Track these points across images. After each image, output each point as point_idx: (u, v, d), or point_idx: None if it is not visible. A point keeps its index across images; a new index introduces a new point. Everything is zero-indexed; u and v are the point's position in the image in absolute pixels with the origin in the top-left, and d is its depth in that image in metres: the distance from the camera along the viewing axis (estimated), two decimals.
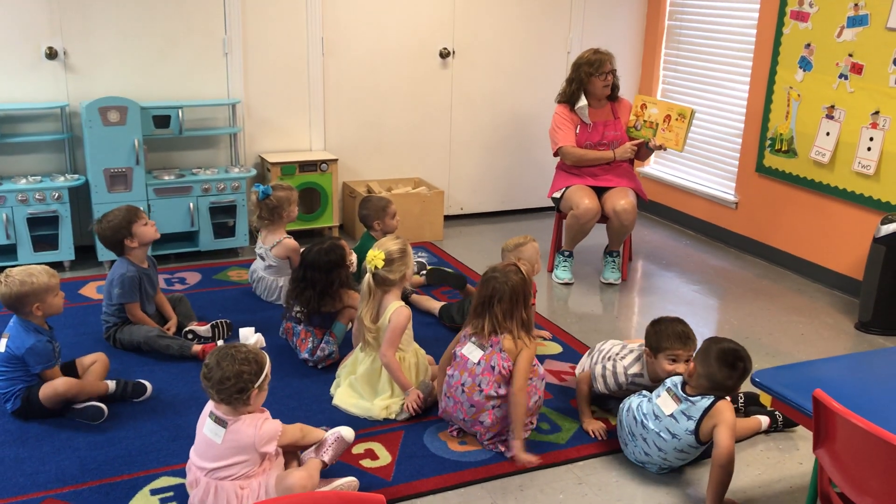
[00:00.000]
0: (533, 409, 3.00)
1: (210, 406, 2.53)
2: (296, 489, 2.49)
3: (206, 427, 2.50)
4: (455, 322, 3.91)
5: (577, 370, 3.41)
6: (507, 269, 3.00)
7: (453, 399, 3.01)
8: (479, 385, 2.93)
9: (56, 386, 3.04)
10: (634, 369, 3.15)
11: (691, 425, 2.76)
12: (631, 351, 3.23)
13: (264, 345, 3.69)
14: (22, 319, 3.06)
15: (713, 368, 2.75)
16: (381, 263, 3.17)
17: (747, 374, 2.78)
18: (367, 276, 3.22)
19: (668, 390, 2.86)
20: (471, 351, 3.00)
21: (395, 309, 3.18)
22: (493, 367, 2.93)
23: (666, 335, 3.04)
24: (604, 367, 3.19)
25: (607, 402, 3.28)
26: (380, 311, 3.22)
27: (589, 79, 4.61)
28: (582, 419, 3.19)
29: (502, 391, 2.93)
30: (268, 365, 2.52)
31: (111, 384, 3.22)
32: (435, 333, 3.91)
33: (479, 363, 2.96)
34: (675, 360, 3.02)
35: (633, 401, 2.98)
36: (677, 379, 2.88)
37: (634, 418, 2.93)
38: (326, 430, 2.73)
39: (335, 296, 3.58)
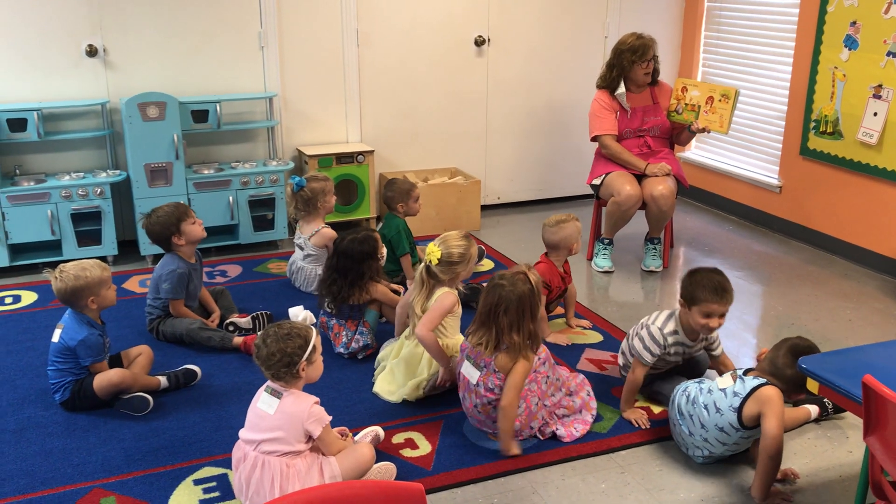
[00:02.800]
0: (535, 413, 2.95)
1: (267, 383, 2.59)
2: (366, 454, 2.63)
3: (260, 401, 2.56)
4: None
5: (620, 360, 3.35)
6: (515, 278, 2.84)
7: (475, 419, 2.97)
8: (490, 404, 2.88)
9: (111, 376, 3.10)
10: (669, 327, 3.06)
11: (736, 402, 2.69)
12: (660, 312, 3.15)
13: (314, 320, 3.71)
14: (76, 312, 3.12)
15: (779, 353, 2.69)
16: (435, 262, 3.16)
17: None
18: (421, 267, 3.23)
19: (734, 373, 2.80)
20: (469, 371, 2.92)
21: (442, 292, 3.19)
22: (491, 388, 2.86)
23: (701, 286, 2.94)
24: (641, 339, 3.10)
25: (652, 385, 3.22)
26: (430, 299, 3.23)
27: (631, 66, 4.54)
28: (623, 407, 3.14)
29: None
30: (314, 337, 2.56)
31: (163, 380, 3.27)
32: None
33: (478, 384, 2.89)
34: (708, 315, 2.93)
35: (693, 384, 2.92)
36: (746, 368, 2.82)
37: (687, 396, 2.87)
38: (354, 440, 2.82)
39: (364, 287, 3.58)
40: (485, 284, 4.38)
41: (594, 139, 4.68)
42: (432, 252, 3.15)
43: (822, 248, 5.06)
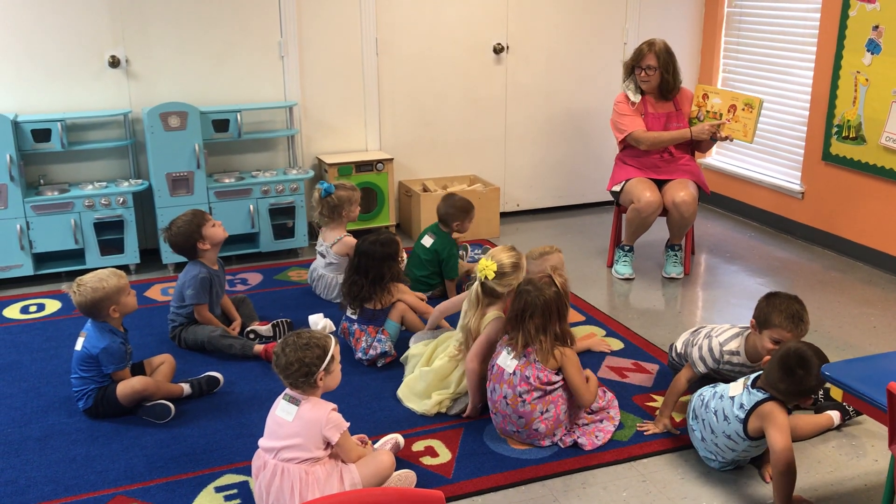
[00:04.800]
0: (562, 420, 2.97)
1: (285, 391, 2.61)
2: (386, 462, 2.62)
3: (278, 409, 2.58)
4: None
5: (679, 344, 3.32)
6: (541, 283, 2.93)
7: (501, 414, 2.97)
8: (521, 396, 2.89)
9: (133, 384, 3.13)
10: (731, 346, 3.02)
11: (741, 414, 2.67)
12: (731, 327, 3.10)
13: (333, 329, 3.73)
14: (98, 322, 3.15)
15: (772, 366, 2.64)
16: (492, 275, 3.11)
17: (804, 385, 2.57)
18: (476, 285, 3.18)
19: (745, 378, 2.77)
20: (505, 361, 2.95)
21: (492, 318, 3.14)
22: (527, 378, 2.89)
23: (778, 311, 2.85)
24: (699, 347, 3.09)
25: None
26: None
27: (633, 70, 4.55)
28: (663, 411, 3.08)
29: (548, 388, 2.89)
30: (332, 347, 2.57)
31: (186, 387, 3.29)
32: None
33: (514, 373, 2.91)
34: (778, 342, 2.84)
35: (707, 389, 2.90)
36: (758, 373, 2.79)
37: (702, 399, 2.86)
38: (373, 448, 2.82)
39: (385, 288, 3.59)
40: None
41: (623, 140, 4.62)
42: (487, 267, 3.10)
43: (845, 253, 5.01)
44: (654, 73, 4.50)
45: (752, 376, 2.75)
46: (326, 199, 4.29)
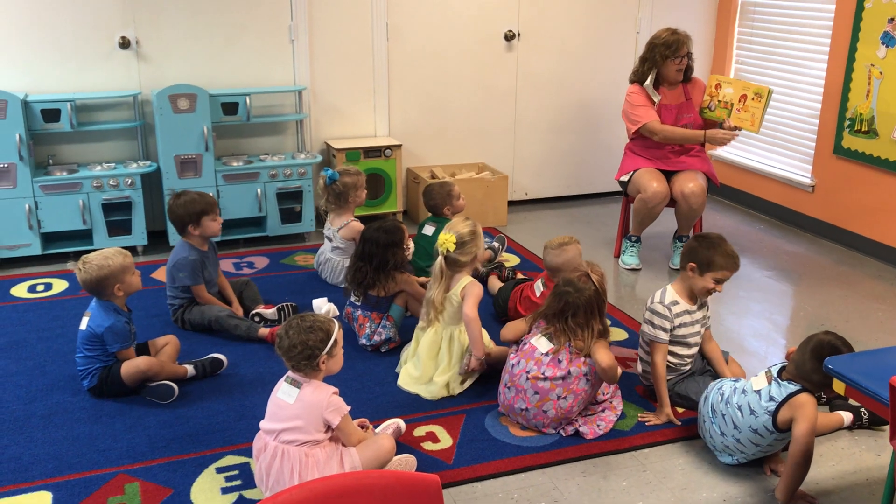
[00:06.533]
0: (574, 412, 2.97)
1: (287, 373, 2.62)
2: (386, 446, 2.64)
3: (280, 391, 2.59)
4: (506, 314, 3.84)
5: (639, 367, 3.30)
6: (580, 283, 2.97)
7: (515, 388, 2.97)
8: (544, 373, 2.91)
9: (138, 363, 3.14)
10: (668, 298, 3.11)
11: (772, 406, 2.65)
12: (653, 294, 3.18)
13: (337, 313, 3.74)
14: (103, 301, 3.16)
15: (805, 357, 2.62)
16: (452, 247, 3.19)
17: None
18: (439, 259, 3.24)
19: (767, 372, 2.76)
20: (540, 342, 2.98)
21: (466, 283, 3.22)
22: (559, 361, 2.91)
23: (720, 253, 3.01)
24: (650, 322, 3.10)
25: (676, 388, 3.18)
26: (449, 288, 3.27)
27: (664, 61, 4.48)
28: (662, 404, 3.07)
29: (570, 375, 2.90)
30: (336, 332, 2.58)
31: (190, 368, 3.31)
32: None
33: (546, 354, 2.94)
34: (719, 281, 3.04)
35: (727, 384, 2.89)
36: (779, 365, 2.78)
37: (721, 394, 2.84)
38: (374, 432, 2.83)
39: (389, 275, 3.59)
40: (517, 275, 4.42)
41: (636, 131, 4.58)
42: (447, 240, 3.20)
43: (854, 248, 4.97)
44: (686, 59, 4.52)
45: (776, 368, 2.74)
46: (332, 187, 4.29)
